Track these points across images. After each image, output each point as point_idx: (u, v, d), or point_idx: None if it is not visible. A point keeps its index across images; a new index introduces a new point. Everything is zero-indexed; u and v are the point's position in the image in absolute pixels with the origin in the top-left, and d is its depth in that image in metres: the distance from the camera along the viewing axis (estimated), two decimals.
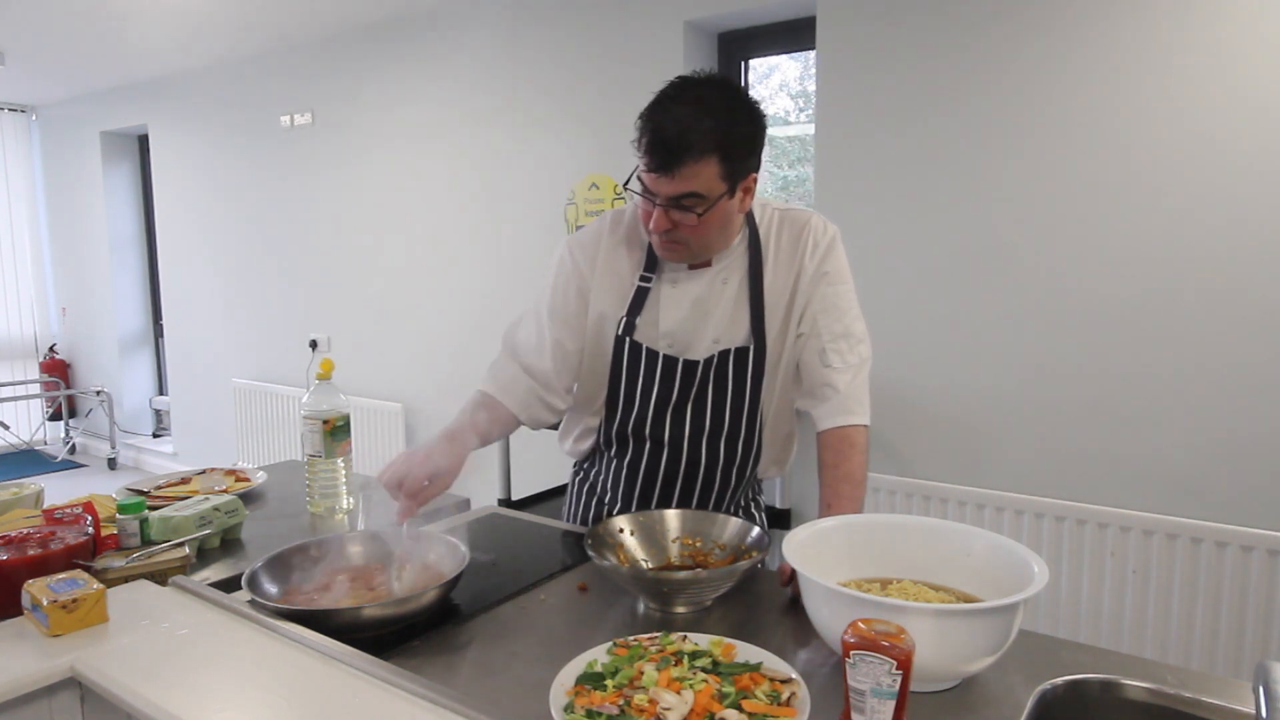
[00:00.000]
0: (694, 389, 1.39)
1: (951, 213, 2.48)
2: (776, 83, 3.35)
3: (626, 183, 1.30)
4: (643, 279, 1.39)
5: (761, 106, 1.28)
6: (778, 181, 3.51)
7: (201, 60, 4.63)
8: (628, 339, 1.39)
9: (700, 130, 1.20)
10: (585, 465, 1.60)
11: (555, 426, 1.58)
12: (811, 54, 2.82)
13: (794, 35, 2.90)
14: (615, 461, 1.49)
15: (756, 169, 1.29)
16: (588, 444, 1.53)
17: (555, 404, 1.46)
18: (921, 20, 2.47)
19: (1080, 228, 2.29)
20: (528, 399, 1.42)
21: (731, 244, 1.37)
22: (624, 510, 1.48)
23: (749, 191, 1.30)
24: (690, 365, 1.38)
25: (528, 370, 1.43)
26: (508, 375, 1.44)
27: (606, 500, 1.54)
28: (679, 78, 1.27)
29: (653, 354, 1.39)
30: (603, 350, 1.43)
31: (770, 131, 1.48)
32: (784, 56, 3.13)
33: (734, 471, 1.45)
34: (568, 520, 1.63)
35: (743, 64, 3.10)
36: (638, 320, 1.39)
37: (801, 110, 3.28)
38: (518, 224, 3.52)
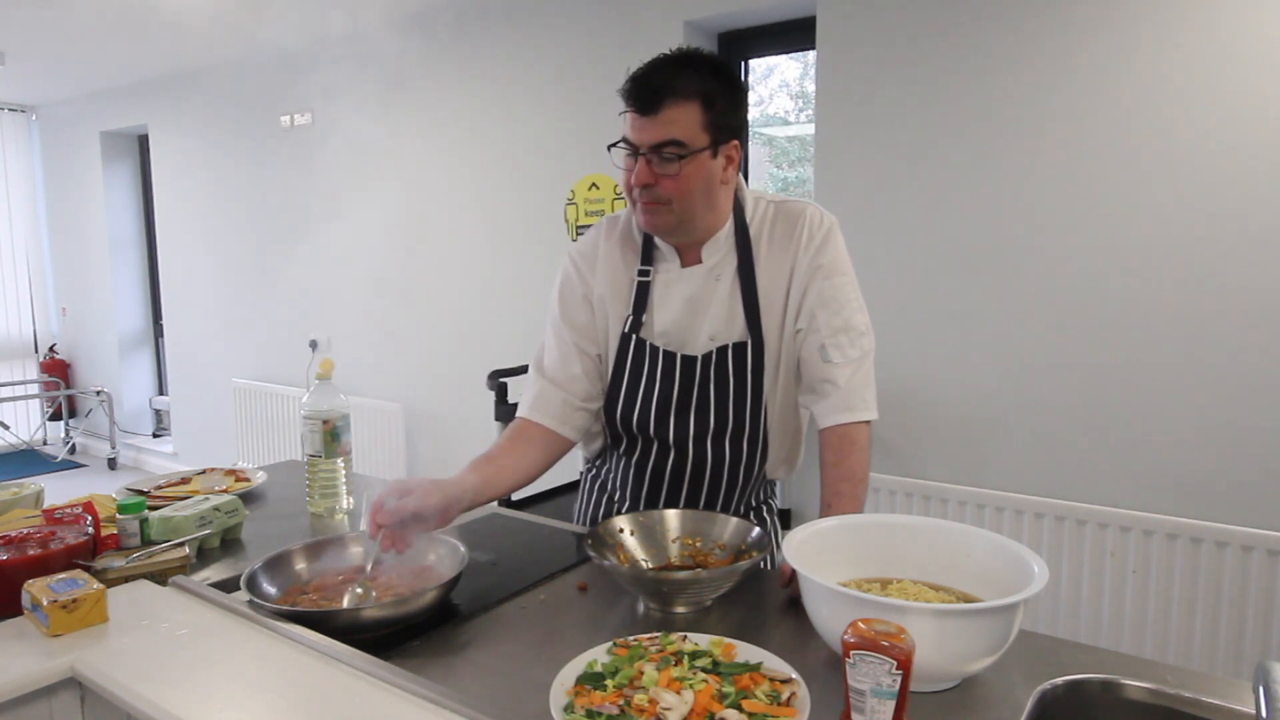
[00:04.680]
0: (695, 386, 1.38)
1: (951, 213, 2.48)
2: (776, 83, 3.35)
3: (611, 146, 1.31)
4: (641, 273, 1.40)
5: (742, 84, 1.31)
6: (778, 182, 3.50)
7: (201, 60, 4.63)
8: (634, 336, 1.39)
9: (683, 77, 1.24)
10: (597, 462, 1.60)
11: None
12: (811, 54, 2.82)
13: (794, 35, 2.90)
14: (624, 459, 1.49)
15: (738, 135, 1.30)
16: (597, 443, 1.53)
17: (594, 409, 1.45)
18: (921, 20, 2.47)
19: (1081, 227, 2.29)
20: (564, 410, 1.41)
21: (718, 228, 1.36)
22: (633, 508, 1.48)
23: (731, 161, 1.31)
24: (689, 361, 1.37)
25: (556, 384, 1.41)
26: (539, 394, 1.42)
27: (616, 498, 1.54)
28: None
29: (654, 350, 1.39)
30: (608, 349, 1.44)
31: (770, 131, 1.49)
32: (784, 56, 3.13)
33: (740, 470, 1.43)
34: (578, 516, 1.63)
35: (743, 64, 3.10)
36: (642, 318, 1.40)
37: (801, 110, 3.28)
38: (518, 224, 3.52)
